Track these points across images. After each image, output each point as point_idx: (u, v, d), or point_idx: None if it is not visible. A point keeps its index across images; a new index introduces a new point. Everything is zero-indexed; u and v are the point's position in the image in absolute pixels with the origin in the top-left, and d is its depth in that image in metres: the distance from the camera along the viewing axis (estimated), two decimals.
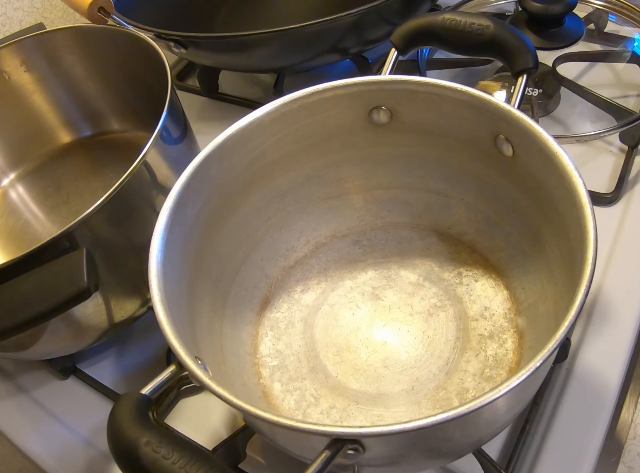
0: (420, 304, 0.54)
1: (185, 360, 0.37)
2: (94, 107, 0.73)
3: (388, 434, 0.33)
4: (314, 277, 0.58)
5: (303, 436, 0.37)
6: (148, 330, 0.62)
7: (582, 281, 0.37)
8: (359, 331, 0.54)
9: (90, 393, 0.60)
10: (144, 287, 0.54)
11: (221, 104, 0.84)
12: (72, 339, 0.55)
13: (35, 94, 0.71)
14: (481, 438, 0.43)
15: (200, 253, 0.50)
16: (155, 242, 0.43)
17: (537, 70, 0.49)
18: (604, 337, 0.55)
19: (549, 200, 0.46)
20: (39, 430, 0.58)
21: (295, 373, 0.52)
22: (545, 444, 0.50)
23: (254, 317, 0.55)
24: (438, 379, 0.50)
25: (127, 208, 0.51)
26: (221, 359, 0.49)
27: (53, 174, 0.72)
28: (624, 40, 0.76)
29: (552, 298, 0.47)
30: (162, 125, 0.52)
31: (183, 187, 0.46)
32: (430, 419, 0.33)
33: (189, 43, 0.69)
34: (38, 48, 0.68)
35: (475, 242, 0.56)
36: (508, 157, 0.48)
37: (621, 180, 0.64)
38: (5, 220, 0.70)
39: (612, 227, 0.61)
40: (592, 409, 0.51)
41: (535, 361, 0.34)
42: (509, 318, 0.52)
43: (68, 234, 0.46)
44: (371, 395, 0.50)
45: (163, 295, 0.41)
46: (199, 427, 0.55)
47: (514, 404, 0.41)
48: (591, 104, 0.70)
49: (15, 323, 0.43)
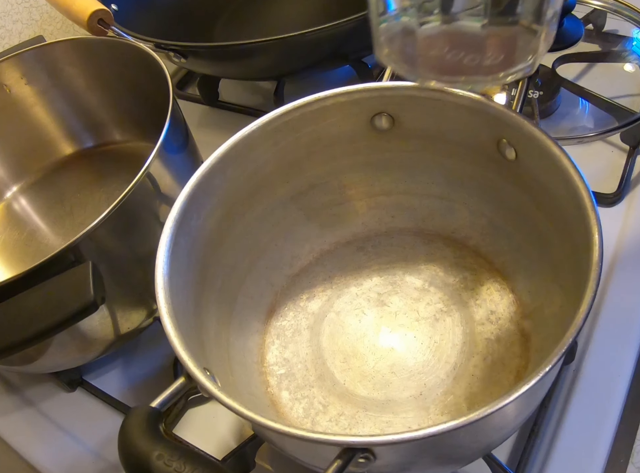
0: (426, 309, 0.54)
1: (194, 372, 0.37)
2: (95, 118, 0.73)
3: (399, 443, 0.33)
4: (319, 284, 0.58)
5: (314, 445, 0.37)
6: (154, 340, 0.62)
7: (589, 285, 0.37)
8: (365, 338, 0.54)
9: (97, 405, 0.60)
10: (150, 298, 0.55)
11: (222, 112, 0.84)
12: (79, 352, 0.55)
13: (36, 106, 0.71)
14: (491, 443, 0.43)
15: (205, 263, 0.50)
16: (160, 254, 0.44)
17: (538, 73, 0.49)
18: (610, 337, 0.55)
19: (553, 204, 0.46)
20: (46, 443, 0.58)
21: (303, 381, 0.52)
22: (554, 446, 0.50)
23: (260, 326, 0.55)
24: (446, 384, 0.50)
25: (131, 219, 0.51)
26: (229, 369, 0.49)
27: (56, 186, 0.72)
28: (623, 39, 0.76)
29: (558, 301, 0.47)
30: (164, 136, 0.52)
31: (187, 198, 0.47)
32: (441, 427, 0.33)
33: (188, 53, 0.69)
34: (38, 61, 0.68)
35: (480, 246, 0.56)
36: (511, 161, 0.48)
37: (623, 181, 0.64)
38: (9, 233, 0.70)
39: (615, 228, 0.61)
40: (600, 410, 0.51)
41: (545, 366, 0.35)
42: (515, 322, 0.52)
43: (73, 247, 0.46)
44: (379, 402, 0.50)
45: (170, 307, 0.41)
46: (207, 437, 0.55)
47: (523, 409, 0.41)
48: (592, 104, 0.70)
49: (22, 338, 0.44)
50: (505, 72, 0.40)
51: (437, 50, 0.39)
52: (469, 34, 0.38)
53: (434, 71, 0.42)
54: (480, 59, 0.39)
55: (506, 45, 0.39)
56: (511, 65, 0.40)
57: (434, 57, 0.40)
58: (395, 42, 0.41)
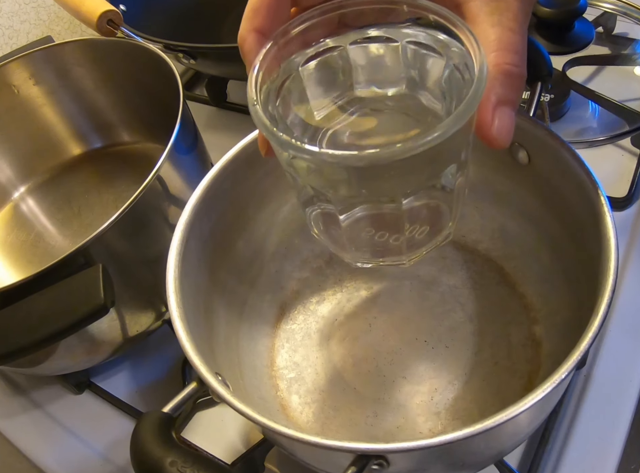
0: (436, 313, 0.54)
1: (207, 378, 0.37)
2: (103, 119, 0.73)
3: (414, 450, 0.33)
4: (329, 287, 0.57)
5: (326, 452, 0.37)
6: (162, 342, 0.62)
7: (605, 294, 0.36)
8: (375, 342, 0.53)
9: (105, 407, 0.60)
10: (159, 300, 0.55)
11: (229, 113, 0.84)
12: (87, 354, 0.55)
13: (44, 107, 0.71)
14: (503, 450, 0.43)
15: (215, 266, 0.50)
16: (171, 258, 0.43)
17: (551, 77, 0.49)
18: (622, 342, 0.54)
19: (566, 208, 0.46)
20: (54, 445, 0.58)
21: (313, 385, 0.52)
22: (565, 452, 0.50)
23: (270, 329, 0.55)
24: (457, 389, 0.50)
25: (140, 222, 0.51)
26: (239, 373, 0.49)
27: (64, 187, 0.72)
28: (633, 42, 0.76)
29: (571, 306, 0.47)
30: (175, 138, 0.52)
31: (198, 202, 0.46)
32: (456, 434, 0.33)
33: (198, 54, 0.69)
34: (47, 61, 0.68)
35: (490, 249, 0.56)
36: (523, 165, 0.48)
37: (634, 185, 0.63)
38: (16, 234, 0.69)
39: (625, 232, 0.61)
40: (611, 416, 0.51)
41: (559, 373, 0.34)
42: (526, 327, 0.51)
43: (83, 249, 0.46)
44: (390, 406, 0.50)
45: (182, 311, 0.41)
46: (216, 440, 0.55)
47: (536, 416, 0.41)
48: (602, 107, 0.69)
49: (32, 341, 0.43)
50: (434, 240, 0.38)
51: (363, 233, 0.37)
52: (389, 214, 0.35)
53: (366, 254, 0.39)
54: (407, 235, 0.37)
55: (430, 215, 0.37)
56: (439, 232, 0.38)
57: (363, 240, 0.38)
58: (321, 225, 0.39)
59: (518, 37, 0.33)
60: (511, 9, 0.33)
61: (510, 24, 0.33)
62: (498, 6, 0.33)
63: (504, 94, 0.32)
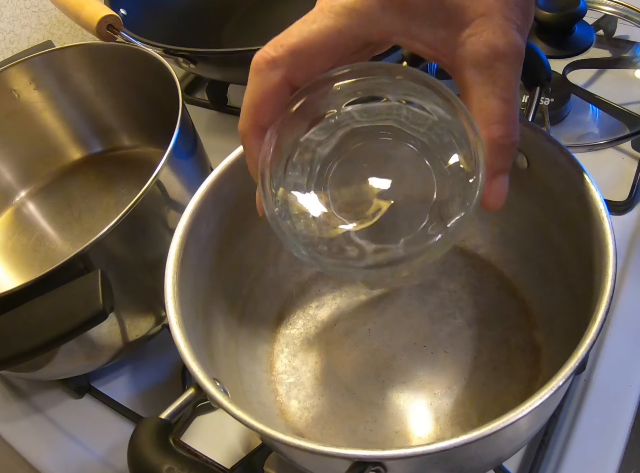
0: (436, 318, 0.54)
1: (204, 384, 0.37)
2: (103, 124, 0.73)
3: (412, 456, 0.33)
4: (328, 292, 0.57)
5: (324, 458, 0.37)
6: (162, 346, 0.62)
7: (603, 298, 0.36)
8: (375, 347, 0.53)
9: (105, 412, 0.60)
10: (158, 305, 0.55)
11: (230, 117, 0.84)
12: (87, 359, 0.55)
13: (45, 111, 0.72)
14: (502, 455, 0.43)
15: (214, 271, 0.49)
16: (170, 263, 0.43)
17: (550, 82, 0.48)
18: (622, 346, 0.54)
19: (565, 213, 0.46)
20: (54, 450, 0.58)
21: (312, 390, 0.52)
22: (565, 457, 0.50)
23: (269, 334, 0.55)
24: (456, 394, 0.49)
25: (140, 226, 0.51)
26: (238, 378, 0.49)
27: (64, 191, 0.72)
28: (634, 45, 0.75)
29: (570, 312, 0.47)
30: (174, 143, 0.52)
31: (197, 207, 0.46)
32: (454, 441, 0.33)
33: (198, 58, 0.69)
34: (47, 66, 0.69)
35: (490, 254, 0.56)
36: (522, 170, 0.48)
37: (634, 188, 0.63)
38: (17, 238, 0.70)
39: (626, 236, 0.61)
40: (611, 421, 0.51)
41: (557, 379, 0.34)
42: (525, 332, 0.51)
43: (82, 255, 0.46)
44: (389, 411, 0.49)
45: (180, 317, 0.41)
46: (215, 445, 0.55)
47: (535, 421, 0.41)
48: (602, 111, 0.69)
49: (31, 347, 0.43)
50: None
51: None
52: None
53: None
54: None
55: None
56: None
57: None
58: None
59: (510, 106, 0.34)
60: (504, 77, 0.33)
61: (502, 93, 0.33)
62: (491, 75, 0.33)
63: (499, 165, 0.34)
